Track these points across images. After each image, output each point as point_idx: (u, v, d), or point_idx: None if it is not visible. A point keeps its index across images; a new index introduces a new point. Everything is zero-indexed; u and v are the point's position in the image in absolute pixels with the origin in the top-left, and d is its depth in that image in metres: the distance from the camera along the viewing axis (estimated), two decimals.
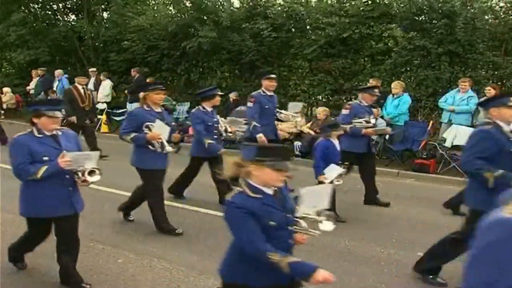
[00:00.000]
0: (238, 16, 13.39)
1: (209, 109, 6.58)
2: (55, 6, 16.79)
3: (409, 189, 8.02)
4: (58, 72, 14.40)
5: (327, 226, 2.91)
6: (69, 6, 17.29)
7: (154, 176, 5.47)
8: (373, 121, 6.81)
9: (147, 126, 5.37)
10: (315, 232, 2.90)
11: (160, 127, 5.35)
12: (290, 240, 2.75)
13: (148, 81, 12.78)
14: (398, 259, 4.96)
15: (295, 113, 7.84)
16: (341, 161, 5.76)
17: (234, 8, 13.87)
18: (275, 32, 12.51)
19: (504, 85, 10.41)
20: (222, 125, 6.71)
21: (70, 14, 17.37)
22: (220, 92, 7.10)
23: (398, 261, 4.91)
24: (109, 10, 16.34)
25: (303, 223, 2.88)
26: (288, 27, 12.71)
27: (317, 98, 12.23)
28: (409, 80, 11.18)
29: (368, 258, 4.92)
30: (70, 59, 16.69)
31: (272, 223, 2.60)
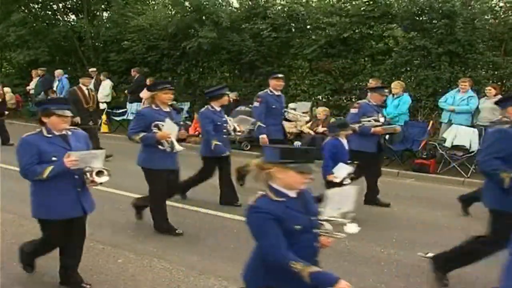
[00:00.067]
0: (238, 16, 13.39)
1: (218, 109, 6.52)
2: (55, 6, 16.78)
3: (409, 189, 8.02)
4: (58, 72, 14.41)
5: (352, 229, 2.86)
6: (69, 6, 17.28)
7: (160, 177, 5.41)
8: (382, 120, 6.73)
9: (156, 126, 5.30)
10: (340, 235, 2.84)
11: (170, 127, 5.30)
12: (316, 244, 2.68)
13: (149, 81, 12.80)
14: (398, 259, 4.96)
15: (303, 113, 7.77)
16: (350, 160, 5.72)
17: (234, 8, 13.87)
18: (275, 32, 12.50)
19: (504, 85, 10.40)
20: (231, 125, 6.67)
21: (70, 14, 17.36)
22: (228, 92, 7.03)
23: (398, 261, 4.91)
24: (110, 10, 16.34)
25: (328, 226, 2.83)
26: (288, 27, 12.71)
27: (317, 98, 12.21)
28: (409, 80, 11.17)
29: (368, 258, 4.91)
30: (70, 59, 16.68)
31: (297, 227, 2.53)
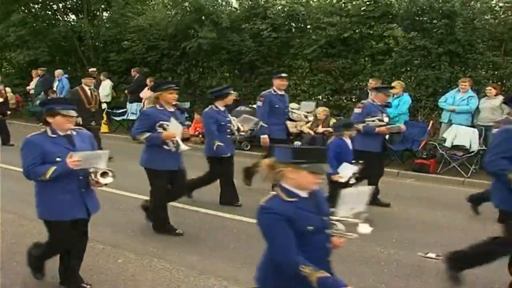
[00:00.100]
0: (238, 16, 13.38)
1: (222, 108, 6.52)
2: (55, 6, 16.77)
3: (409, 189, 8.02)
4: (58, 72, 14.41)
5: (365, 229, 2.82)
6: (69, 6, 17.27)
7: (162, 178, 5.40)
8: (386, 120, 6.71)
9: (161, 126, 5.28)
10: (353, 235, 2.80)
11: (175, 126, 5.28)
12: (328, 244, 2.65)
13: (149, 81, 12.79)
14: (398, 259, 4.96)
15: (307, 113, 7.72)
16: (355, 160, 5.71)
17: (233, 8, 13.86)
18: (275, 32, 12.50)
19: (504, 85, 10.39)
20: (235, 124, 6.65)
21: (70, 14, 17.34)
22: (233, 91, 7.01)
23: (398, 261, 4.91)
24: (110, 10, 16.34)
25: (340, 226, 2.79)
26: (288, 27, 12.71)
27: (317, 98, 12.21)
28: (409, 80, 11.17)
29: (368, 258, 4.91)
30: (70, 59, 16.67)
31: (310, 228, 2.50)
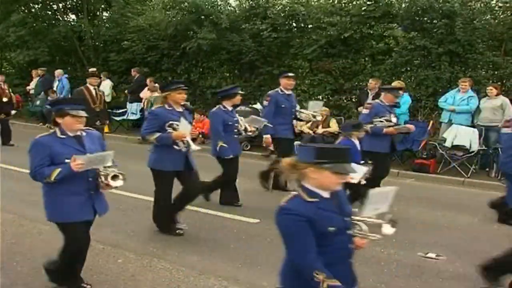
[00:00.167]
0: (238, 17, 13.36)
1: (230, 108, 6.49)
2: (55, 6, 16.77)
3: (409, 189, 8.01)
4: (58, 72, 14.42)
5: (388, 230, 2.77)
6: (69, 6, 17.26)
7: (168, 179, 5.40)
8: (394, 120, 6.68)
9: (171, 126, 5.25)
10: (375, 236, 2.76)
11: (185, 126, 5.26)
12: (350, 245, 2.60)
13: (149, 81, 12.81)
14: (398, 259, 4.97)
15: (315, 112, 7.63)
16: (363, 161, 5.67)
17: (232, 8, 13.83)
18: (275, 32, 12.49)
19: (504, 85, 10.39)
20: (242, 124, 6.62)
21: (70, 14, 17.34)
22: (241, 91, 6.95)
23: (398, 261, 4.91)
24: (110, 10, 16.33)
25: (364, 226, 2.74)
26: (288, 27, 12.71)
27: (317, 98, 12.20)
28: (409, 80, 11.17)
29: (368, 258, 4.91)
30: (70, 59, 16.67)
31: (331, 229, 2.44)
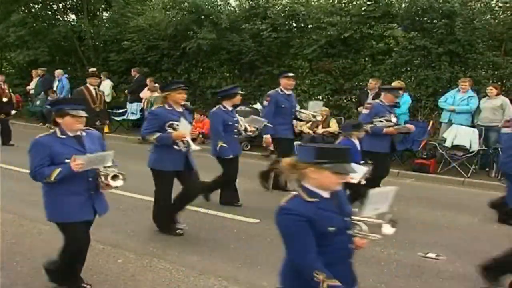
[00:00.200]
0: (238, 17, 13.36)
1: (230, 108, 6.48)
2: (55, 6, 16.77)
3: (409, 189, 8.01)
4: (58, 72, 14.42)
5: (388, 230, 2.77)
6: (69, 6, 17.26)
7: (168, 179, 5.40)
8: (394, 120, 6.66)
9: (171, 126, 5.24)
10: (375, 236, 2.75)
11: (184, 127, 5.25)
12: (350, 245, 2.61)
13: (149, 81, 12.80)
14: (398, 259, 4.96)
15: (315, 112, 7.62)
16: (363, 161, 5.66)
17: (232, 8, 13.82)
18: (275, 32, 12.49)
19: (504, 85, 10.39)
20: (242, 124, 6.61)
21: (70, 14, 17.34)
22: (242, 91, 6.94)
23: (398, 261, 4.91)
24: (110, 10, 16.33)
25: (364, 226, 2.73)
26: (288, 27, 12.71)
27: (317, 98, 12.20)
28: (409, 80, 11.16)
29: (368, 258, 4.91)
30: (70, 59, 16.67)
31: (331, 229, 2.44)
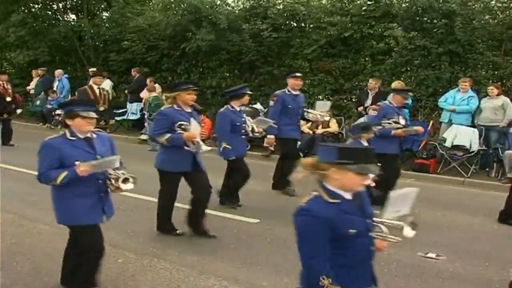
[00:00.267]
0: (237, 17, 13.35)
1: (238, 108, 6.46)
2: (55, 6, 16.77)
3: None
4: (58, 72, 14.42)
5: (409, 233, 2.72)
6: (69, 6, 17.26)
7: (174, 179, 5.38)
8: (403, 122, 6.64)
9: (180, 126, 5.19)
10: (396, 239, 2.70)
11: (195, 127, 5.22)
12: (371, 247, 2.55)
13: (149, 81, 12.77)
14: (398, 259, 4.96)
15: (323, 112, 7.61)
16: None
17: (230, 8, 13.80)
18: (275, 32, 12.48)
19: (504, 85, 10.40)
20: (249, 125, 6.58)
21: (70, 14, 17.34)
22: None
23: (398, 261, 4.91)
24: (110, 10, 16.33)
25: (384, 228, 2.68)
26: (289, 27, 12.70)
27: (317, 98, 12.21)
28: (410, 80, 11.17)
29: None
30: (70, 59, 16.67)
31: (352, 231, 2.39)
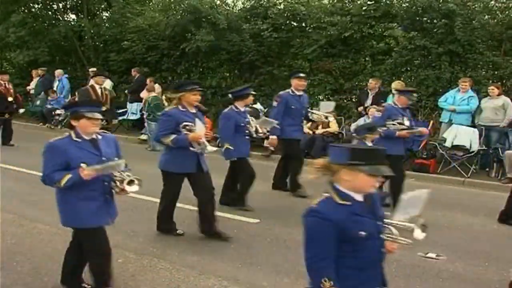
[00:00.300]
0: (237, 17, 13.34)
1: (242, 109, 6.43)
2: (55, 6, 16.77)
3: (409, 189, 7.98)
4: (58, 72, 14.43)
5: (419, 235, 2.68)
6: (69, 6, 17.26)
7: (177, 180, 5.39)
8: (407, 123, 6.61)
9: (185, 127, 5.17)
10: (406, 241, 2.68)
11: (200, 128, 5.21)
12: (382, 249, 2.55)
13: (149, 81, 12.77)
14: (398, 259, 4.95)
15: (327, 113, 7.57)
16: None
17: (229, 8, 13.79)
18: (276, 32, 12.48)
19: (504, 85, 10.40)
20: (253, 126, 6.54)
21: (70, 14, 17.34)
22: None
23: (398, 261, 4.90)
24: (110, 10, 16.33)
25: (394, 230, 2.66)
26: (289, 27, 12.70)
27: (317, 98, 12.21)
28: (410, 80, 11.17)
29: None
30: (70, 59, 16.67)
31: (363, 233, 2.38)
